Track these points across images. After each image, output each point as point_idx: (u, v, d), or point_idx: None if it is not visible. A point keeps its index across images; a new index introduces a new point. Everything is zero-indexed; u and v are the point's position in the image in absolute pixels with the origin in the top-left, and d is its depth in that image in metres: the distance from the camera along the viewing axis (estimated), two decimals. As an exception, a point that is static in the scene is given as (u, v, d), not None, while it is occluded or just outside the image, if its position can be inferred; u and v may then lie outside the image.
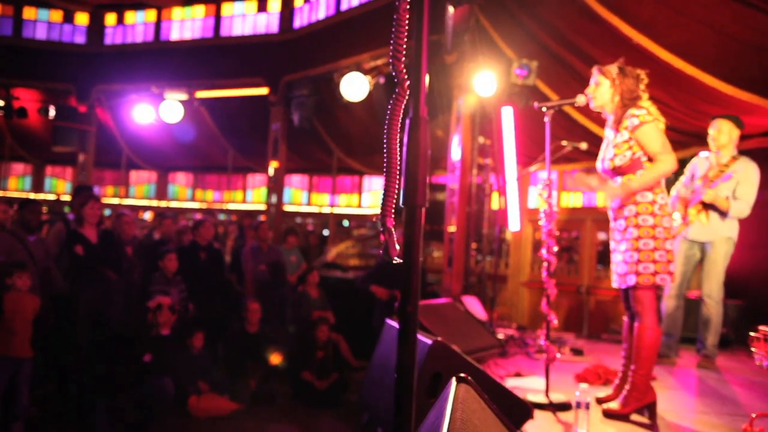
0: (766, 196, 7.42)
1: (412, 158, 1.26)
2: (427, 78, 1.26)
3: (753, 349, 5.66)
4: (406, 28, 1.22)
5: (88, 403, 5.38)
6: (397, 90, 1.25)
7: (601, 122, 8.82)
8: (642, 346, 3.81)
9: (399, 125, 1.27)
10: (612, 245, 4.07)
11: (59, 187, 19.16)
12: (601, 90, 3.98)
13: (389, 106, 1.27)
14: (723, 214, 5.36)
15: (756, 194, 5.34)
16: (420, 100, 1.25)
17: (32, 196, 17.53)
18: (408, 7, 1.22)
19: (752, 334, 5.67)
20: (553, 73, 8.56)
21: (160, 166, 18.46)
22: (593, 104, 4.04)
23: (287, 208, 16.21)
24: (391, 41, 1.23)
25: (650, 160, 3.82)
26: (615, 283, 4.02)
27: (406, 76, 1.24)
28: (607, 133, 4.07)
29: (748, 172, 5.37)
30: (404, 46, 1.23)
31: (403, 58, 1.24)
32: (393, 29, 1.22)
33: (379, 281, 7.13)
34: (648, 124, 3.77)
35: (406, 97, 1.25)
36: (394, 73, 1.24)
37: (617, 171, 3.90)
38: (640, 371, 3.81)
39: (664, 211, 3.83)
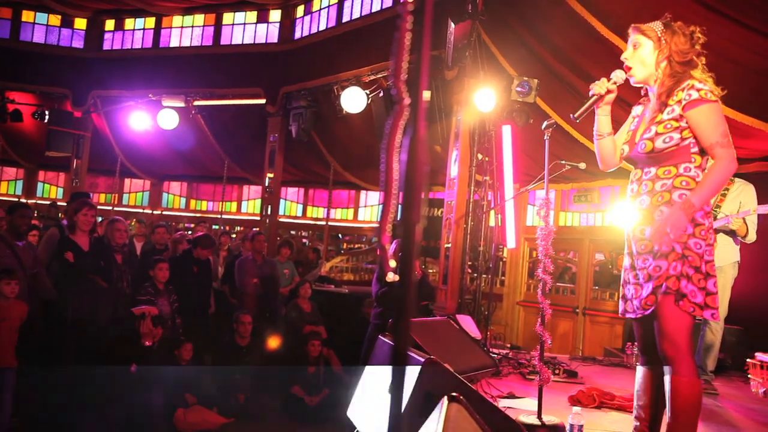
0: (763, 221, 7.39)
1: (410, 177, 1.22)
2: (428, 94, 1.21)
3: (750, 376, 5.63)
4: (407, 47, 1.18)
5: (74, 413, 5.28)
6: (396, 108, 1.20)
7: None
8: (681, 407, 2.79)
9: (397, 143, 1.24)
10: (627, 262, 3.13)
11: (52, 193, 19.03)
12: (643, 54, 2.98)
13: (388, 123, 1.23)
14: (735, 238, 5.34)
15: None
16: (419, 119, 1.20)
17: (23, 201, 17.40)
18: (408, 27, 1.18)
19: (749, 360, 5.64)
20: (554, 92, 8.54)
21: (155, 174, 18.38)
22: (634, 76, 3.05)
23: (281, 219, 16.12)
24: (392, 59, 1.19)
25: (701, 152, 2.90)
26: (634, 313, 3.02)
27: (405, 95, 1.19)
28: (637, 110, 3.21)
29: (750, 195, 5.38)
30: (404, 65, 1.18)
31: (403, 77, 1.19)
32: (393, 47, 1.18)
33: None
34: (710, 103, 2.82)
35: (405, 116, 1.20)
36: (393, 91, 1.19)
37: (656, 157, 2.92)
38: None
39: (710, 222, 2.88)
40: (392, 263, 1.27)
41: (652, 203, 2.91)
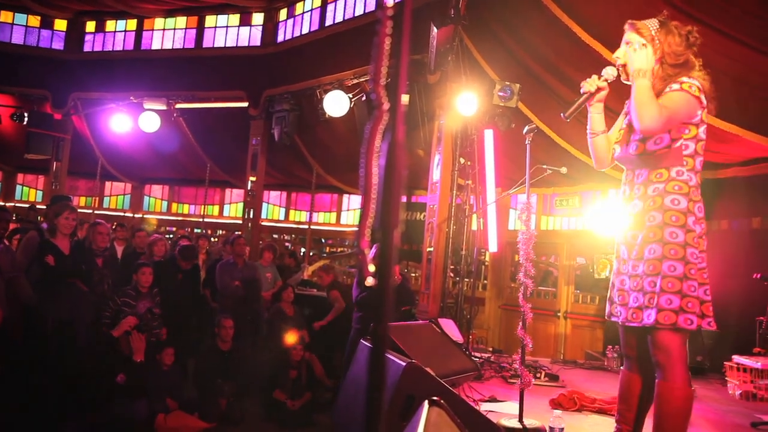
0: (740, 225, 7.48)
1: (388, 182, 1.22)
2: (407, 98, 1.22)
3: (727, 379, 5.70)
4: (386, 52, 1.18)
5: (55, 422, 5.22)
6: (375, 112, 1.21)
7: (582, 146, 8.88)
8: (668, 414, 2.73)
9: (376, 148, 1.24)
10: (615, 266, 3.06)
11: (31, 196, 18.80)
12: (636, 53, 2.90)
13: (367, 127, 1.23)
14: None
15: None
16: (398, 124, 1.20)
17: (1, 204, 17.14)
18: (388, 32, 1.18)
19: (726, 363, 5.71)
20: (535, 97, 8.58)
21: (136, 177, 18.24)
22: (625, 74, 2.97)
23: (264, 223, 16.05)
24: (372, 64, 1.19)
25: (693, 154, 2.81)
26: (619, 318, 2.97)
27: (384, 100, 1.19)
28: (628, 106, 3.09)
29: None
30: (383, 70, 1.18)
31: (382, 82, 1.19)
32: (373, 52, 1.18)
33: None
34: (683, 92, 2.75)
35: (384, 120, 1.20)
36: (372, 96, 1.20)
37: (647, 159, 2.86)
38: None
39: (702, 229, 2.79)
40: (371, 268, 1.27)
41: (644, 208, 2.84)
